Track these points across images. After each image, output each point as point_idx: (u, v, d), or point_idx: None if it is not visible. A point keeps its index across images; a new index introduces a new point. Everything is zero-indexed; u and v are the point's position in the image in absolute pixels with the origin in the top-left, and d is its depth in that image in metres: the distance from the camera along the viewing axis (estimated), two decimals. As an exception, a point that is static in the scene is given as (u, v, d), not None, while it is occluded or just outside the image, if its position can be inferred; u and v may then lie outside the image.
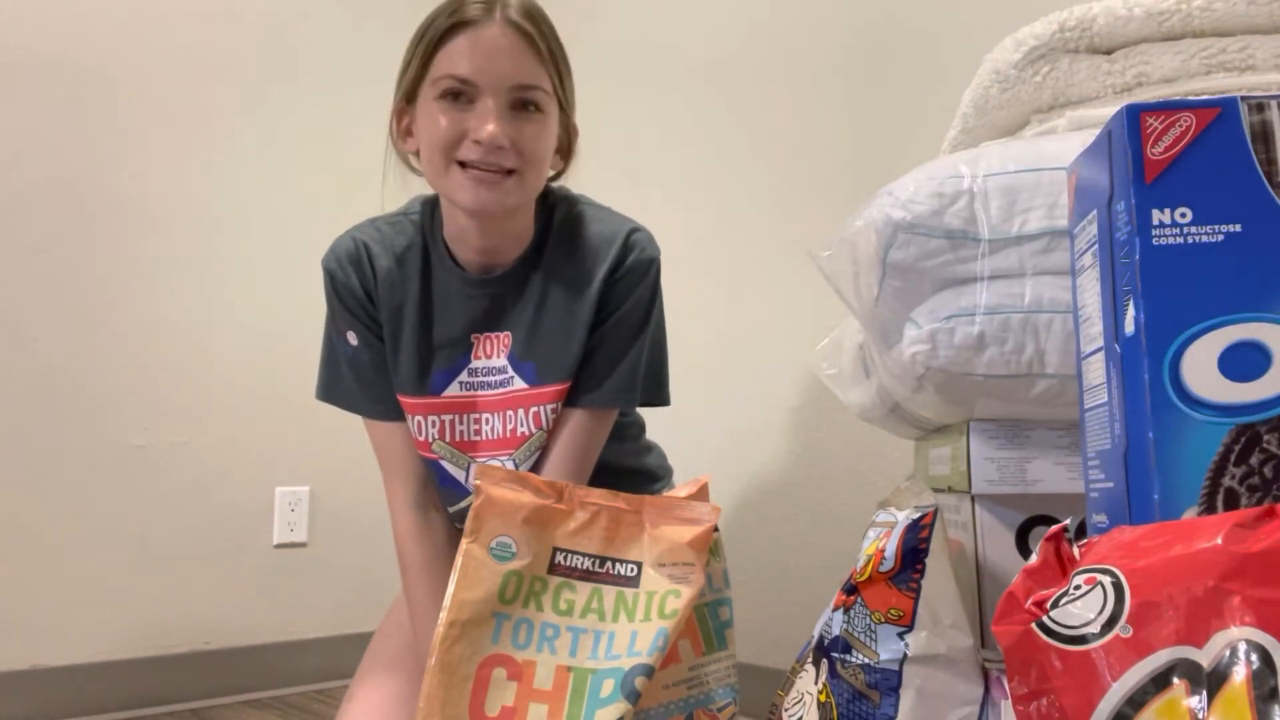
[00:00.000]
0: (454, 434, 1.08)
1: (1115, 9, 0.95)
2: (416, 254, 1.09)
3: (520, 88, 0.98)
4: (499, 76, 0.97)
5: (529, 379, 1.06)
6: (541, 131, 1.01)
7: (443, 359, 1.08)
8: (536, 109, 1.00)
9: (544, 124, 1.01)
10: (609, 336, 1.06)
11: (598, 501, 0.85)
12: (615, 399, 1.07)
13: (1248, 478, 0.57)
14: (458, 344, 1.08)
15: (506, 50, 0.97)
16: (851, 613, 0.87)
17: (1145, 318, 0.60)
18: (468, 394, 1.08)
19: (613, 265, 1.06)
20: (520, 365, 1.07)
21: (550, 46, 1.02)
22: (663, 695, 0.83)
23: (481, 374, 1.08)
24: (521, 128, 0.99)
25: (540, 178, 1.04)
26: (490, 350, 1.08)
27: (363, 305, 1.08)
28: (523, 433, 1.06)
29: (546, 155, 1.03)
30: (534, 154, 1.00)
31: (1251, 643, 0.46)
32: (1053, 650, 0.52)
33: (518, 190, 1.00)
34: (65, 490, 1.78)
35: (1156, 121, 0.61)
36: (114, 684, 1.77)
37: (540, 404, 1.06)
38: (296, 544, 2.07)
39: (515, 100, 0.99)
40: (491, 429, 1.08)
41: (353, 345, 1.09)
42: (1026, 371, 0.88)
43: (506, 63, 0.97)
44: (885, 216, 0.92)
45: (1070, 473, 0.93)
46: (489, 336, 1.08)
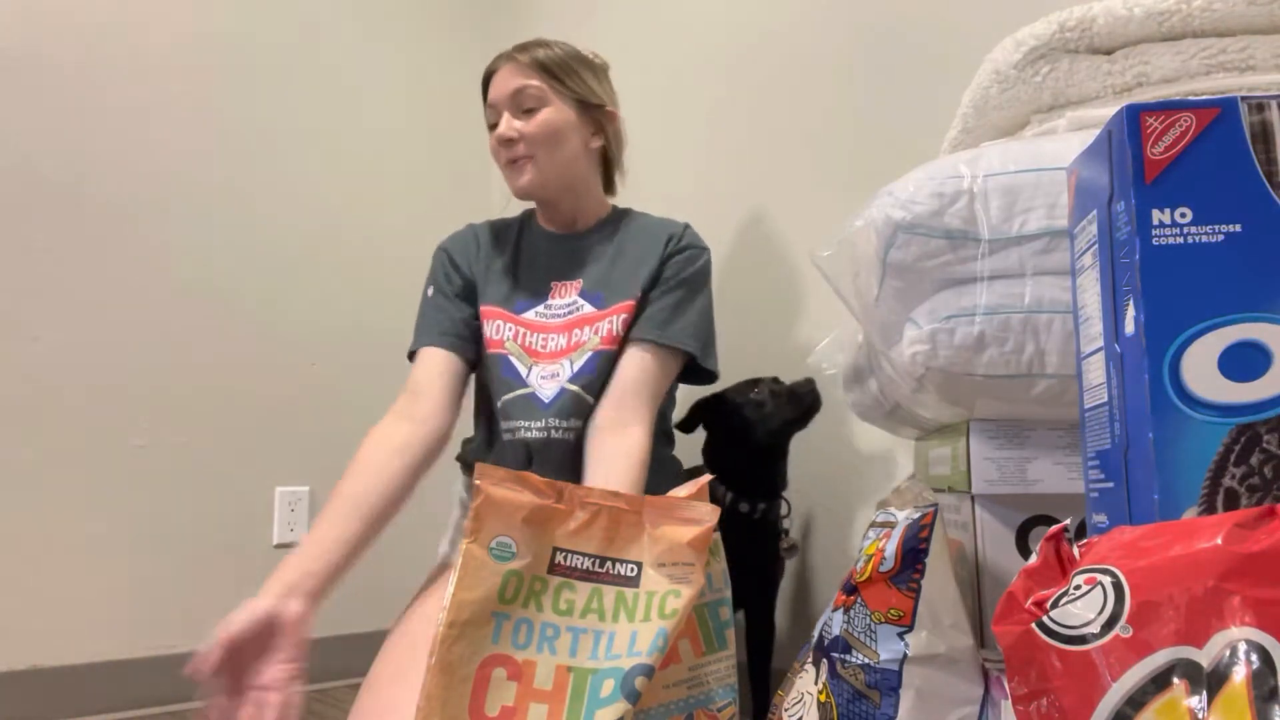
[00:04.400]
0: (525, 340, 1.32)
1: (1115, 9, 0.95)
2: (514, 229, 1.42)
3: (515, 93, 1.31)
4: (503, 92, 1.32)
5: (597, 304, 1.31)
6: (543, 121, 1.30)
7: (527, 292, 1.35)
8: (536, 107, 1.31)
9: (543, 115, 1.31)
10: (671, 291, 1.30)
11: (598, 501, 0.85)
12: (679, 337, 1.28)
13: (1248, 478, 0.57)
14: (539, 285, 1.35)
15: (508, 74, 1.32)
16: (851, 613, 0.87)
17: (1145, 318, 0.60)
18: (541, 319, 1.33)
19: (673, 239, 1.34)
20: (590, 295, 1.32)
21: (537, 59, 1.32)
22: (663, 695, 0.83)
23: (555, 309, 1.33)
24: (525, 122, 1.31)
25: (560, 153, 1.32)
26: (564, 293, 1.34)
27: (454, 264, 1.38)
28: (580, 341, 1.29)
29: (557, 137, 1.31)
30: (540, 136, 1.30)
31: (1251, 643, 0.46)
32: (1053, 650, 0.52)
33: (537, 170, 1.31)
34: (65, 490, 1.78)
35: (1156, 121, 0.61)
36: (114, 684, 1.77)
37: (602, 319, 1.29)
38: (296, 544, 2.07)
39: (517, 105, 1.31)
40: (555, 344, 1.30)
41: (428, 296, 1.37)
42: (1026, 371, 0.88)
43: (508, 83, 1.32)
44: (885, 216, 0.92)
45: (1070, 473, 0.93)
46: (564, 284, 1.35)
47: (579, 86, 1.35)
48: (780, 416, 1.46)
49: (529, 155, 1.31)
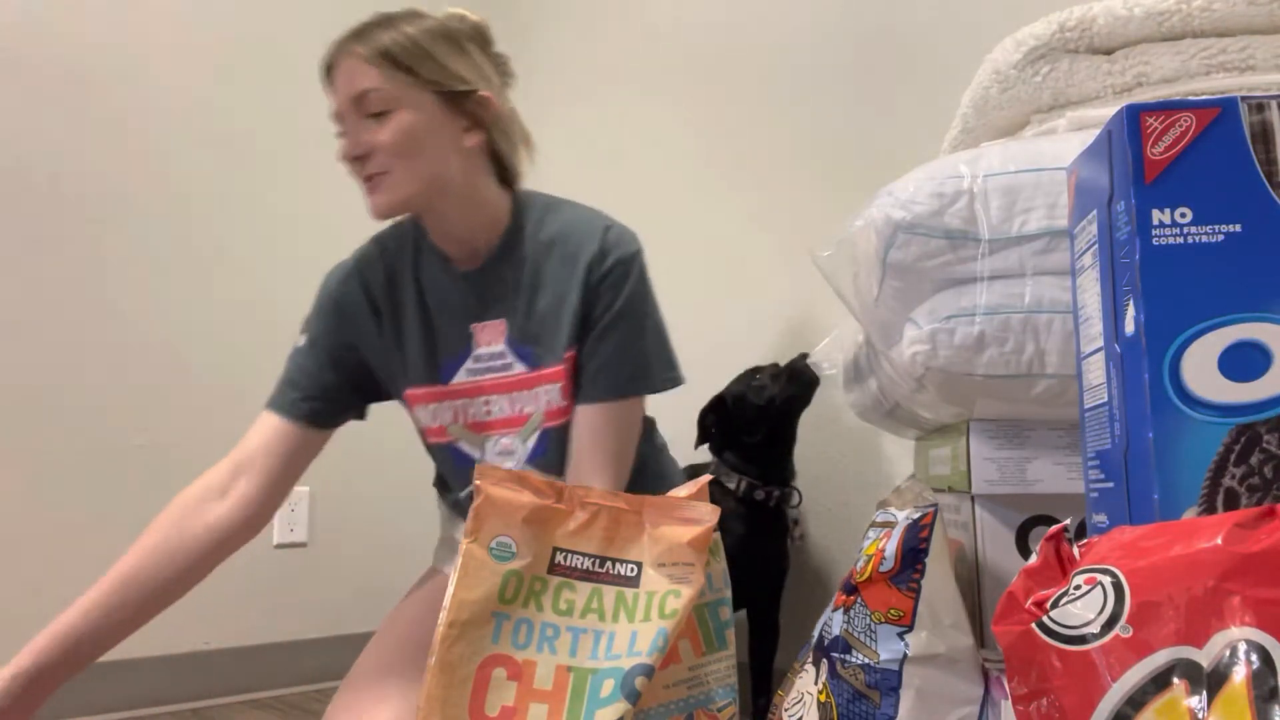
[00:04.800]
0: (467, 416, 1.14)
1: (1115, 9, 0.95)
2: (409, 257, 1.16)
3: (356, 100, 1.05)
4: (344, 97, 1.06)
5: (528, 363, 1.11)
6: (394, 128, 1.05)
7: (449, 349, 1.14)
8: (384, 111, 1.05)
9: (395, 121, 1.05)
10: (609, 332, 1.09)
11: (598, 501, 0.85)
12: (633, 385, 1.10)
13: (1248, 478, 0.57)
14: (459, 335, 1.13)
15: (344, 75, 1.06)
16: (851, 613, 0.87)
17: (1145, 318, 0.59)
18: (474, 380, 1.13)
19: (594, 263, 1.09)
20: (519, 349, 1.12)
21: (380, 49, 1.05)
22: (663, 695, 0.83)
23: (485, 360, 1.13)
24: (374, 132, 1.05)
25: (422, 163, 1.06)
26: (490, 338, 1.13)
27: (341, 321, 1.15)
28: (526, 412, 1.11)
29: (414, 143, 1.06)
30: (394, 147, 1.05)
31: (1251, 643, 0.46)
32: (1053, 650, 0.52)
33: (395, 186, 1.06)
34: (65, 490, 1.78)
35: (1156, 121, 0.61)
36: (114, 684, 1.77)
37: (539, 385, 1.10)
38: (296, 544, 2.07)
39: (362, 109, 1.05)
40: (500, 409, 1.13)
41: (300, 345, 1.17)
42: (1026, 371, 0.88)
43: (349, 83, 1.06)
44: (885, 216, 0.92)
45: (1070, 473, 0.93)
46: (486, 325, 1.13)
47: (438, 73, 1.08)
48: (784, 394, 1.50)
49: (383, 171, 1.06)
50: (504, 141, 1.14)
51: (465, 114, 1.09)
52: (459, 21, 1.13)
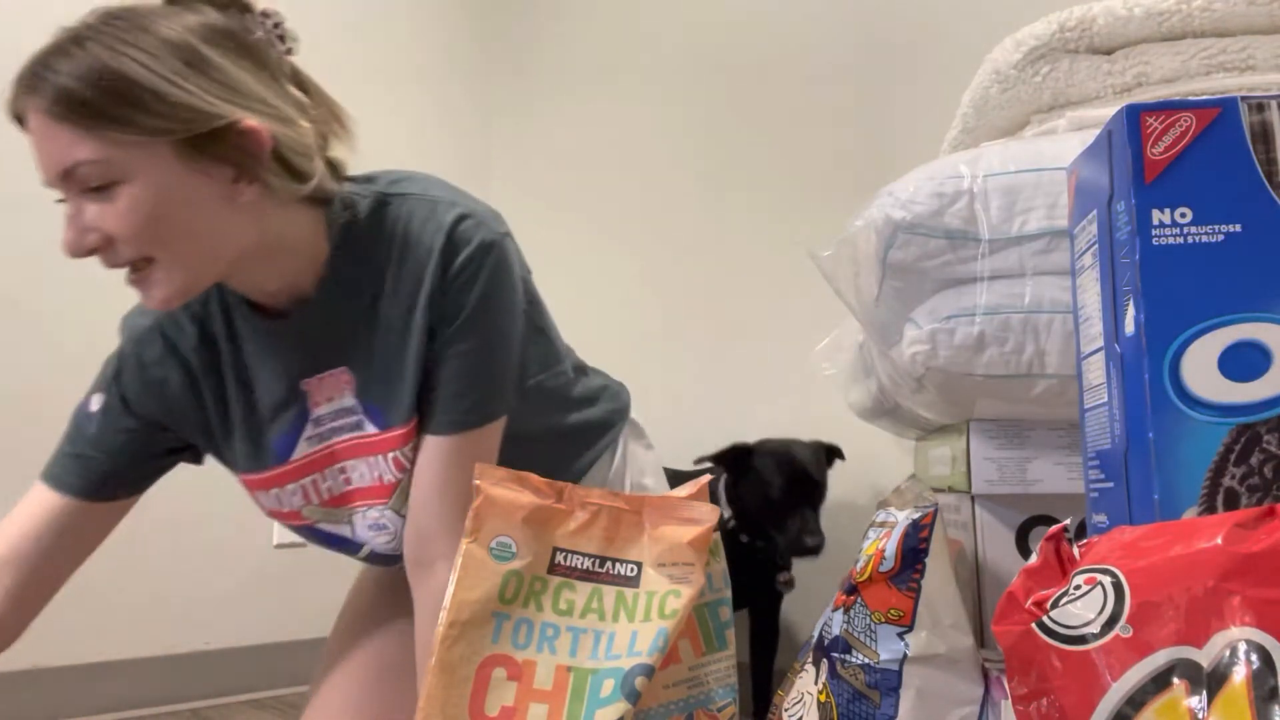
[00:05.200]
0: (320, 494, 0.95)
1: (1115, 9, 0.95)
2: (217, 312, 0.93)
3: (65, 176, 0.76)
4: (48, 177, 0.78)
5: (377, 422, 0.91)
6: (124, 209, 0.76)
7: (277, 423, 0.93)
8: (107, 184, 0.76)
9: (123, 196, 0.76)
10: (453, 350, 0.88)
11: (598, 501, 0.85)
12: (486, 413, 0.90)
13: (1248, 478, 0.57)
14: (288, 400, 0.92)
15: (43, 144, 0.76)
16: (851, 613, 0.87)
17: (1145, 318, 0.59)
18: (321, 447, 0.93)
19: (436, 274, 0.86)
20: (367, 406, 0.91)
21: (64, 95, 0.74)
22: (663, 695, 0.83)
23: (329, 420, 0.93)
24: (102, 212, 0.76)
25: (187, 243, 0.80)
26: (330, 392, 0.92)
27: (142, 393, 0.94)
28: (389, 480, 0.92)
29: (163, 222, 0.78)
30: (137, 232, 0.77)
31: (1251, 643, 0.46)
32: (1053, 650, 0.52)
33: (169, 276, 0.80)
34: (65, 490, 1.78)
35: (1156, 121, 0.61)
36: (114, 684, 1.77)
37: (394, 449, 0.91)
38: (296, 544, 2.06)
39: (79, 188, 0.77)
40: (360, 475, 0.94)
41: (90, 410, 0.95)
42: (1026, 371, 0.88)
43: (46, 154, 0.76)
44: (885, 216, 0.92)
45: (1070, 473, 0.93)
46: (322, 378, 0.91)
47: (168, 113, 0.75)
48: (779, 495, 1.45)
49: (143, 258, 0.79)
50: (298, 157, 0.83)
51: (226, 160, 0.79)
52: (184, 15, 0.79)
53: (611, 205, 2.13)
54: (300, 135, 0.84)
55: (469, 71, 2.48)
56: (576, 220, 2.18)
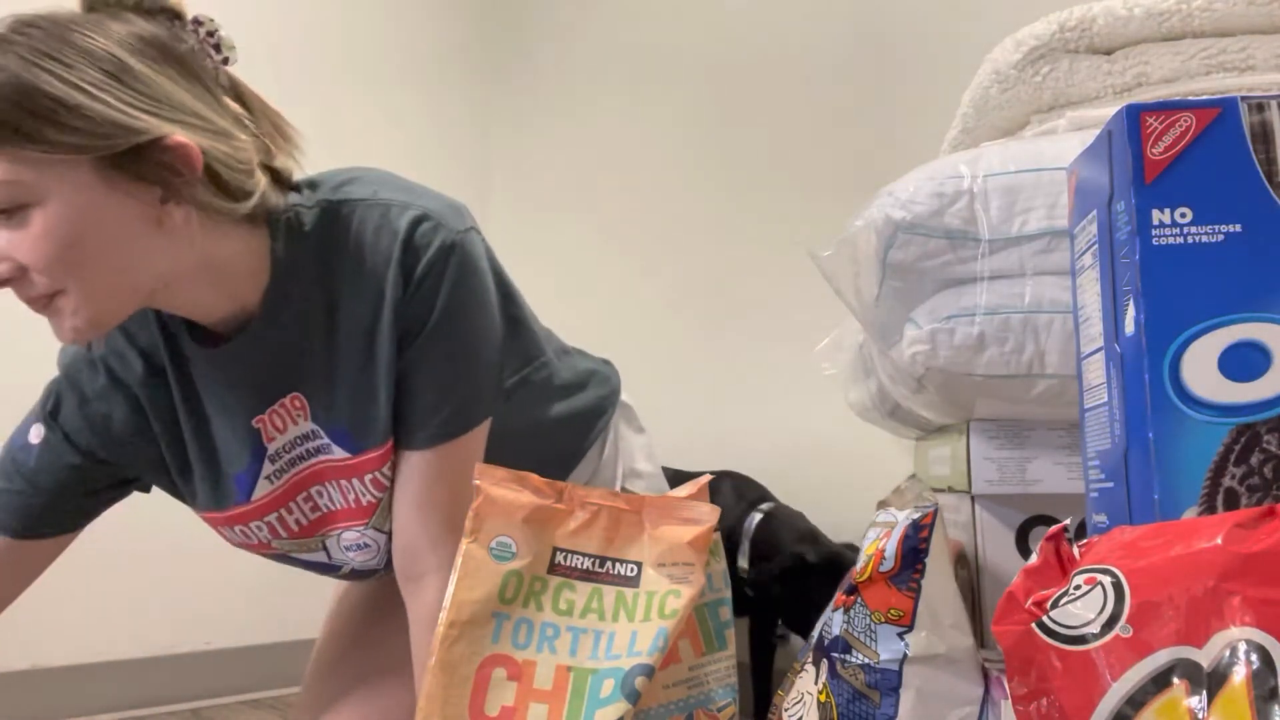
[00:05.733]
0: (289, 527, 0.90)
1: (1115, 9, 0.95)
2: (161, 342, 0.87)
3: None
4: None
5: (347, 446, 0.86)
6: (39, 233, 0.70)
7: (235, 460, 0.87)
8: (16, 209, 0.70)
9: (36, 221, 0.70)
10: (423, 360, 0.83)
11: (598, 501, 0.85)
12: (466, 420, 0.86)
13: (1248, 478, 0.57)
14: (243, 437, 0.86)
15: None
16: (851, 613, 0.87)
17: (1145, 318, 0.60)
18: (283, 482, 0.88)
19: (401, 278, 0.81)
20: (331, 430, 0.86)
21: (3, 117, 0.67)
22: (663, 695, 0.83)
23: (287, 452, 0.87)
24: (13, 239, 0.70)
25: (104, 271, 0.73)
26: (283, 423, 0.86)
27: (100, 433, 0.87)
28: (368, 501, 0.88)
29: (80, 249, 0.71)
30: (50, 261, 0.70)
31: (1251, 643, 0.46)
32: (1053, 650, 0.52)
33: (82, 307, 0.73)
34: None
35: (1156, 121, 0.61)
36: (114, 684, 1.77)
37: (372, 470, 0.86)
38: (296, 544, 2.07)
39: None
40: (330, 500, 0.89)
41: (31, 443, 0.88)
42: (1026, 371, 0.88)
43: None
44: (885, 216, 0.92)
45: (1070, 473, 0.93)
46: (274, 410, 0.86)
47: (86, 128, 0.69)
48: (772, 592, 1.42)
49: (54, 290, 0.73)
50: (234, 173, 0.76)
51: (152, 179, 0.72)
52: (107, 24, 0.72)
53: (610, 208, 2.13)
54: (236, 150, 0.77)
55: (468, 77, 2.48)
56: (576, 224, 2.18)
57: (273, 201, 0.81)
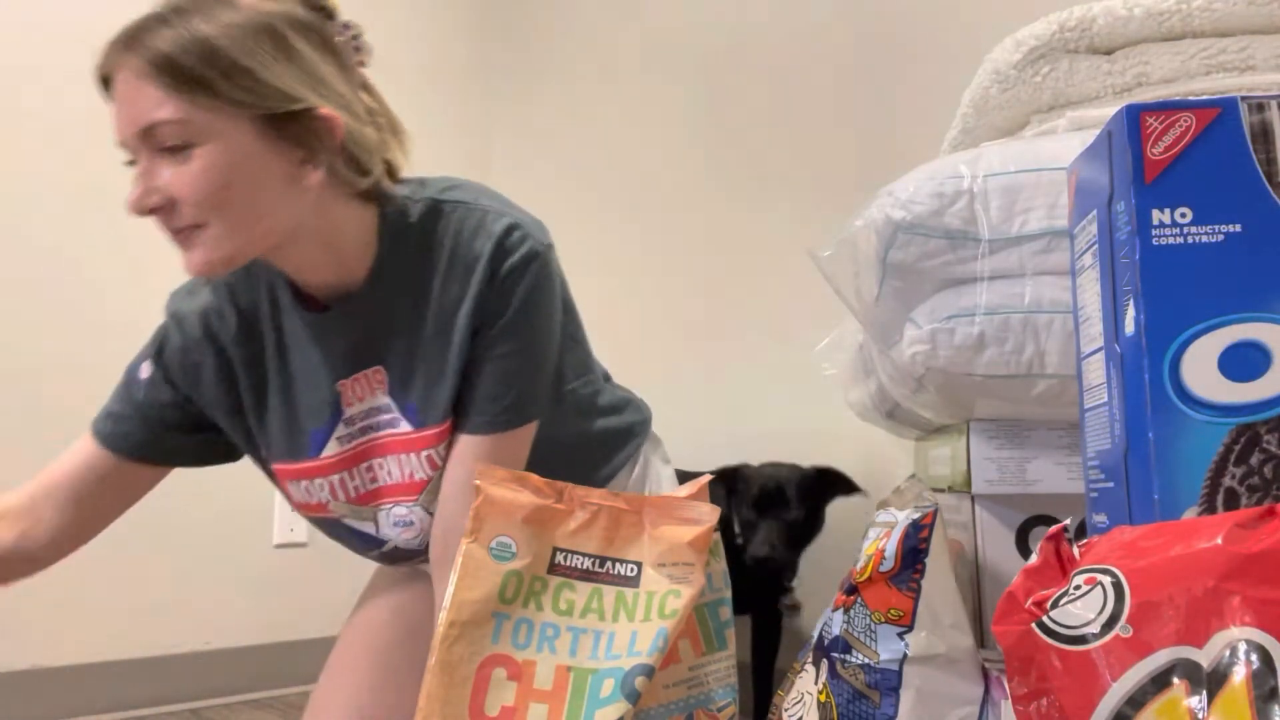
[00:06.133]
0: (348, 491, 0.97)
1: (1115, 9, 0.95)
2: (264, 298, 0.96)
3: (146, 133, 0.80)
4: (126, 133, 0.81)
5: (413, 420, 0.93)
6: (197, 172, 0.80)
7: (313, 417, 0.95)
8: (185, 145, 0.80)
9: (197, 160, 0.80)
10: (493, 352, 0.91)
11: (598, 501, 0.85)
12: (522, 414, 0.92)
13: (1248, 478, 0.57)
14: (325, 398, 0.95)
15: (128, 99, 0.80)
16: (851, 613, 0.87)
17: (1145, 318, 0.60)
18: (351, 446, 0.95)
19: (488, 274, 0.89)
20: (403, 405, 0.94)
21: (161, 58, 0.78)
22: (663, 695, 0.83)
23: (360, 420, 0.95)
24: (174, 174, 0.80)
25: (247, 210, 0.83)
26: (362, 392, 0.94)
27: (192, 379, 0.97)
28: (420, 478, 0.94)
29: (231, 191, 0.81)
30: (202, 197, 0.80)
31: (1251, 643, 0.46)
32: (1053, 650, 0.52)
33: (216, 243, 0.83)
34: (65, 490, 1.78)
35: (1156, 121, 0.61)
36: (114, 684, 1.77)
37: (429, 447, 0.93)
38: (296, 544, 2.07)
39: (155, 146, 0.81)
40: (388, 474, 0.96)
41: (141, 377, 0.99)
42: (1026, 371, 0.88)
43: (129, 111, 0.80)
44: (885, 216, 0.92)
45: (1070, 473, 0.93)
46: (358, 378, 0.94)
47: (252, 90, 0.81)
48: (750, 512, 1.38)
49: (197, 224, 0.82)
50: (363, 152, 0.89)
51: (299, 141, 0.84)
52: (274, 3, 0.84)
53: (610, 204, 2.13)
54: (366, 134, 0.89)
55: (469, 69, 2.48)
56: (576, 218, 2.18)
57: (385, 187, 0.92)
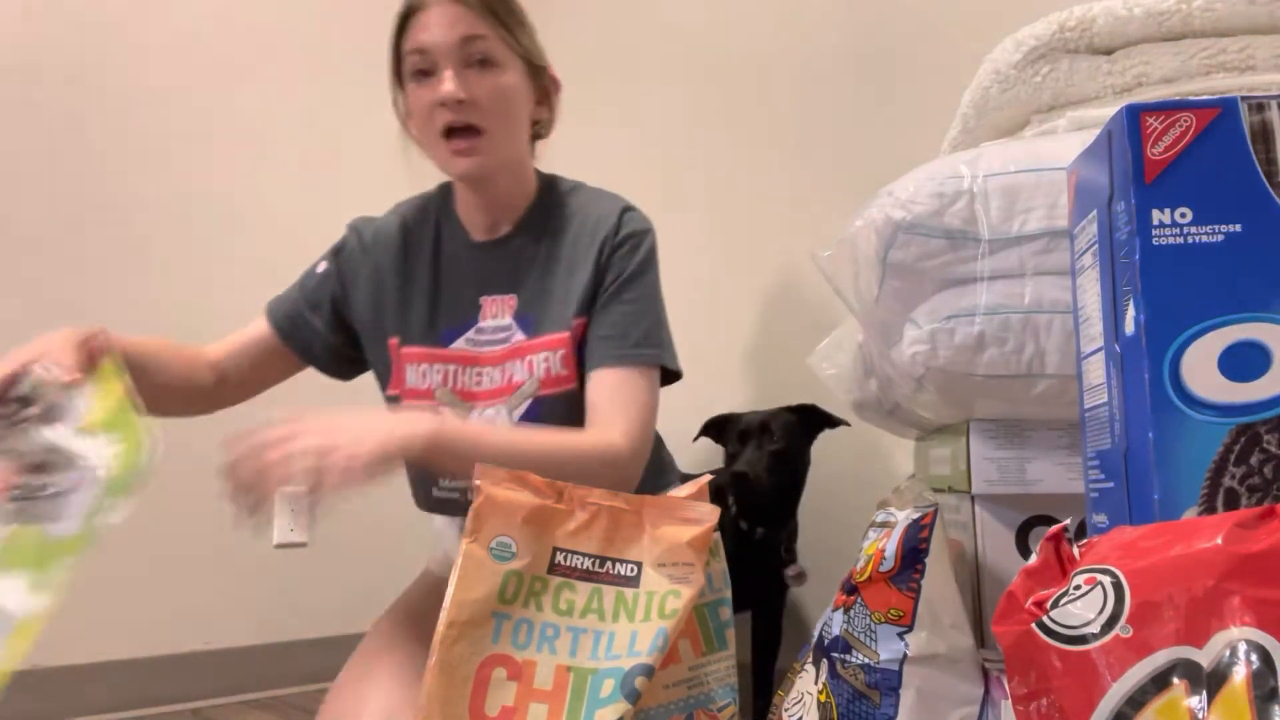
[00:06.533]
0: (456, 382, 1.13)
1: (1115, 9, 0.95)
2: (430, 226, 1.18)
3: (465, 41, 1.05)
4: (445, 39, 1.05)
5: (528, 331, 1.12)
6: (499, 83, 1.07)
7: (452, 316, 1.14)
8: (490, 62, 1.06)
9: (500, 76, 1.07)
10: (617, 298, 1.10)
11: (598, 501, 0.85)
12: (644, 350, 1.10)
13: (1248, 478, 0.57)
14: (467, 305, 1.14)
15: (449, 17, 1.05)
16: (851, 613, 0.87)
17: (1145, 318, 0.60)
18: (473, 350, 1.13)
19: (609, 235, 1.11)
20: (522, 319, 1.12)
21: (491, 4, 1.07)
22: (663, 695, 0.83)
23: (488, 333, 1.13)
24: (479, 82, 1.05)
25: (513, 131, 1.10)
26: (497, 311, 1.14)
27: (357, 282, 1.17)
28: (517, 380, 1.10)
29: (513, 108, 1.09)
30: (496, 107, 1.07)
31: (1251, 643, 0.46)
32: (1053, 650, 0.52)
33: (491, 147, 1.07)
34: (65, 490, 1.78)
35: (1156, 121, 0.61)
36: (114, 684, 1.77)
37: (535, 353, 1.10)
38: (296, 544, 2.06)
39: (467, 58, 1.05)
40: (491, 380, 1.12)
41: (317, 271, 1.20)
42: (1026, 371, 0.88)
43: (450, 27, 1.05)
44: (885, 216, 0.92)
45: (1070, 473, 0.93)
46: (496, 299, 1.14)
47: (529, 43, 1.11)
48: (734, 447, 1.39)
49: (480, 129, 1.06)
50: (553, 114, 1.19)
51: (537, 90, 1.14)
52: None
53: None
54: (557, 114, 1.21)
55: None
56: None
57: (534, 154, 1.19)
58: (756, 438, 1.41)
